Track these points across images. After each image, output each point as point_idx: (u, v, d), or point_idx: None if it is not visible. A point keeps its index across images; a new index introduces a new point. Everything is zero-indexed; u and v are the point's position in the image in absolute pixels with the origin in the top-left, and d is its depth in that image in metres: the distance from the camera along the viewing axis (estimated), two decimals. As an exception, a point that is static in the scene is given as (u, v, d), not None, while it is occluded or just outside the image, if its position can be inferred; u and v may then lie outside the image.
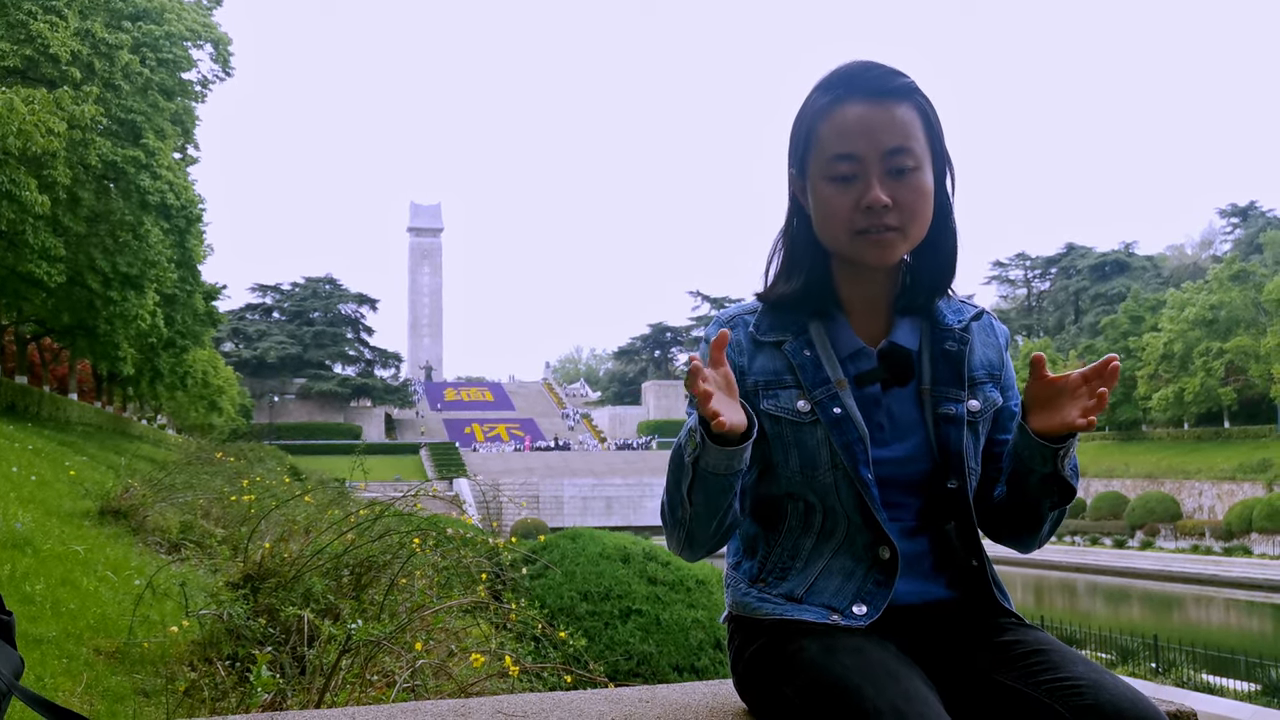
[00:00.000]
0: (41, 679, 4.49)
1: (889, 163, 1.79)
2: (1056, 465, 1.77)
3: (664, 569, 8.00)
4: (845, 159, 1.80)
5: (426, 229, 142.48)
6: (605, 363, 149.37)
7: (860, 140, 1.79)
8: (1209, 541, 45.56)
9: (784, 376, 1.87)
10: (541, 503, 64.24)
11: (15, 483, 11.29)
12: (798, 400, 1.85)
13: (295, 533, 6.15)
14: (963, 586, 1.88)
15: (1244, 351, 57.58)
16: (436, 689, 4.32)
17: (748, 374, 1.88)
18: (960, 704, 1.65)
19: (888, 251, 1.82)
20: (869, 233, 1.80)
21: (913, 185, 1.81)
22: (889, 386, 1.88)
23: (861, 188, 1.79)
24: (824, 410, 1.83)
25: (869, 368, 1.87)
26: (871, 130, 1.79)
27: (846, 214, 1.81)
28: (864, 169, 1.80)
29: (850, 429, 1.81)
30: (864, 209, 1.79)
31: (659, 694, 2.12)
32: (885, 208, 1.78)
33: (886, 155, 1.79)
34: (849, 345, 1.89)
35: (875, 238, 1.80)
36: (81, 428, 33.55)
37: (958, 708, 1.62)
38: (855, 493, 1.81)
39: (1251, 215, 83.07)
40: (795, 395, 1.85)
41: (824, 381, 1.85)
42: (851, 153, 1.80)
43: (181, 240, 30.58)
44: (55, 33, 23.37)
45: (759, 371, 1.88)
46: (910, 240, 1.84)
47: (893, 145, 1.79)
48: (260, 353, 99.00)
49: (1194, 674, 16.48)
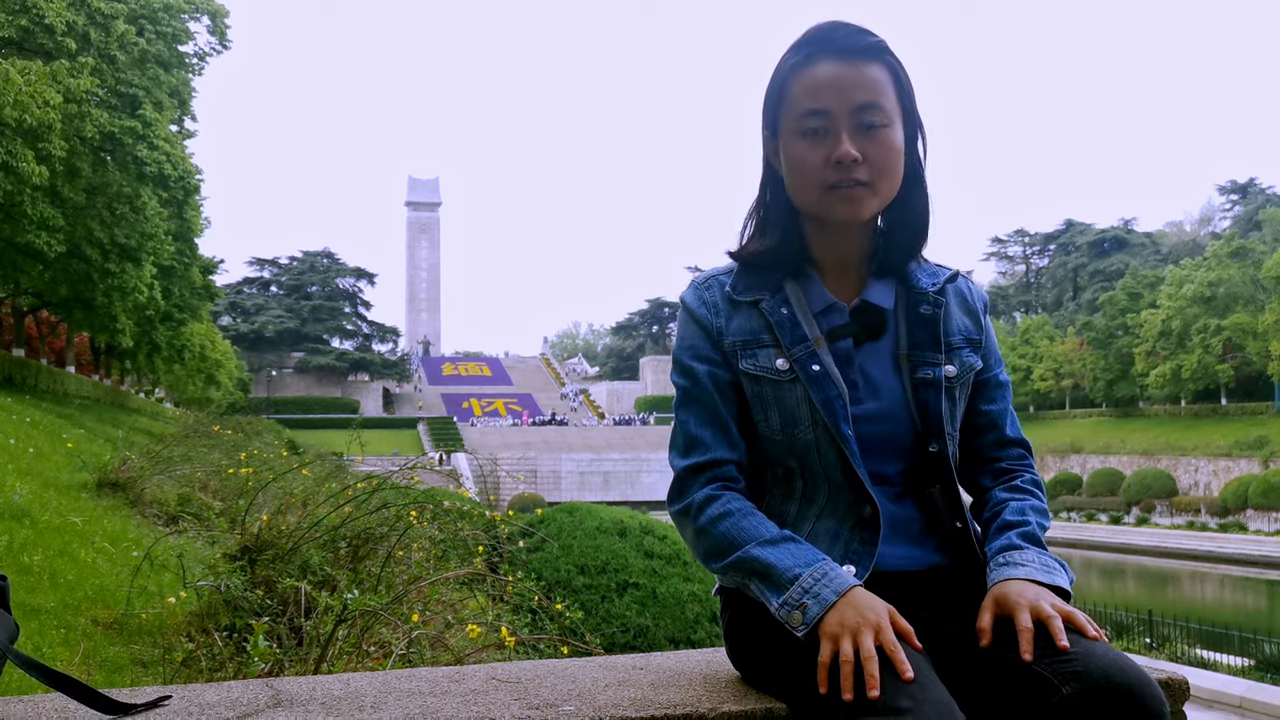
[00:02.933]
0: (39, 649, 4.50)
1: (858, 118, 1.80)
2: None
3: (660, 543, 8.03)
4: (815, 114, 1.81)
5: (424, 203, 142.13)
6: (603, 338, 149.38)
7: (830, 96, 1.80)
8: (1205, 518, 45.76)
9: (762, 335, 1.88)
10: (539, 478, 64.38)
11: (13, 455, 11.29)
12: (776, 359, 1.85)
13: (293, 505, 6.15)
14: (951, 552, 1.89)
15: (1242, 329, 57.63)
16: (433, 659, 4.34)
17: (725, 334, 1.89)
18: (951, 671, 1.65)
19: (858, 207, 1.83)
20: (839, 187, 1.81)
21: (882, 140, 1.82)
22: (861, 342, 1.89)
23: (831, 143, 1.80)
24: (803, 367, 1.83)
25: (840, 323, 1.89)
26: (842, 86, 1.80)
27: (817, 169, 1.82)
28: (834, 124, 1.80)
29: (829, 385, 1.82)
30: (834, 164, 1.80)
31: (653, 661, 2.13)
32: (855, 162, 1.79)
33: (856, 111, 1.80)
34: (821, 301, 1.90)
35: (845, 192, 1.81)
36: (79, 400, 33.55)
37: (949, 674, 1.62)
38: (836, 450, 1.82)
39: (1251, 192, 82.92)
40: (774, 354, 1.86)
41: (801, 339, 1.85)
42: (822, 108, 1.81)
43: (179, 212, 30.53)
44: (50, 3, 23.21)
45: (736, 332, 1.89)
46: (881, 197, 1.85)
47: (863, 101, 1.80)
48: (258, 326, 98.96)
49: (1188, 649, 16.59)
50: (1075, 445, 63.65)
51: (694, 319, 1.93)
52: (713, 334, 1.90)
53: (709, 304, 1.93)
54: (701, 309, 1.93)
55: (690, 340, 1.92)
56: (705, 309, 1.92)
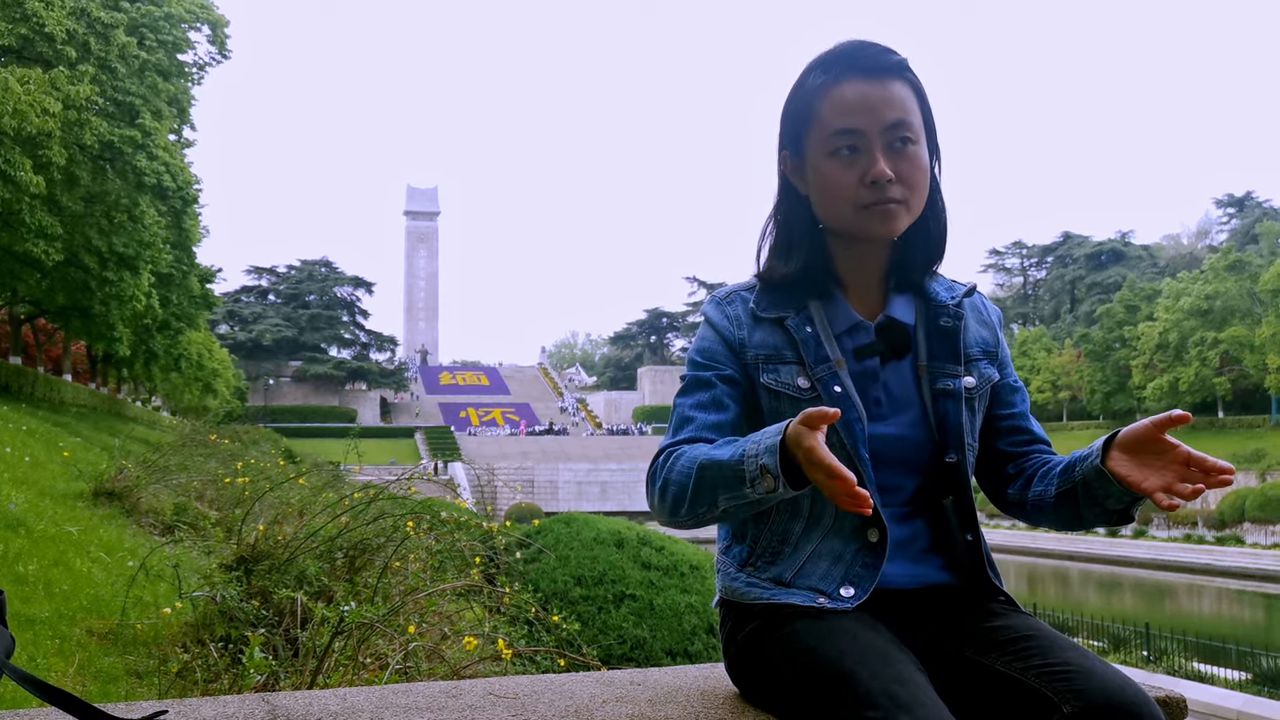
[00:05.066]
0: (34, 659, 4.49)
1: (889, 136, 1.81)
2: (1129, 509, 1.74)
3: (658, 554, 8.01)
4: (847, 134, 1.82)
5: (423, 212, 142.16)
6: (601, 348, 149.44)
7: (861, 116, 1.81)
8: (1202, 531, 45.66)
9: (784, 351, 1.87)
10: (537, 487, 64.26)
11: (9, 463, 11.27)
12: (798, 376, 1.85)
13: (289, 515, 6.15)
14: (955, 569, 1.89)
15: (1239, 341, 57.70)
16: (429, 671, 4.32)
17: (748, 347, 1.89)
18: (950, 688, 1.65)
19: (893, 223, 1.84)
20: (875, 206, 1.82)
21: (912, 158, 1.83)
22: (887, 360, 1.90)
23: (865, 162, 1.81)
24: (825, 387, 1.83)
25: (867, 341, 1.89)
26: (872, 106, 1.81)
27: (851, 189, 1.82)
28: (866, 144, 1.81)
29: (850, 408, 1.82)
30: (869, 183, 1.81)
31: (650, 677, 2.12)
32: (890, 181, 1.80)
33: (887, 129, 1.81)
34: (846, 320, 1.90)
35: (881, 209, 1.82)
36: (76, 409, 33.52)
37: (948, 691, 1.62)
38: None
39: (1248, 205, 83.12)
40: (796, 371, 1.86)
41: (824, 359, 1.85)
42: (853, 127, 1.81)
43: (177, 221, 30.53)
44: (51, 11, 23.22)
45: (759, 345, 1.89)
46: (912, 212, 1.86)
47: (893, 119, 1.81)
48: (255, 335, 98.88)
49: (1185, 663, 16.54)
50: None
51: (716, 330, 1.92)
52: (734, 345, 1.89)
53: (731, 318, 1.92)
54: (724, 321, 1.92)
55: (708, 344, 1.91)
56: (728, 321, 1.92)
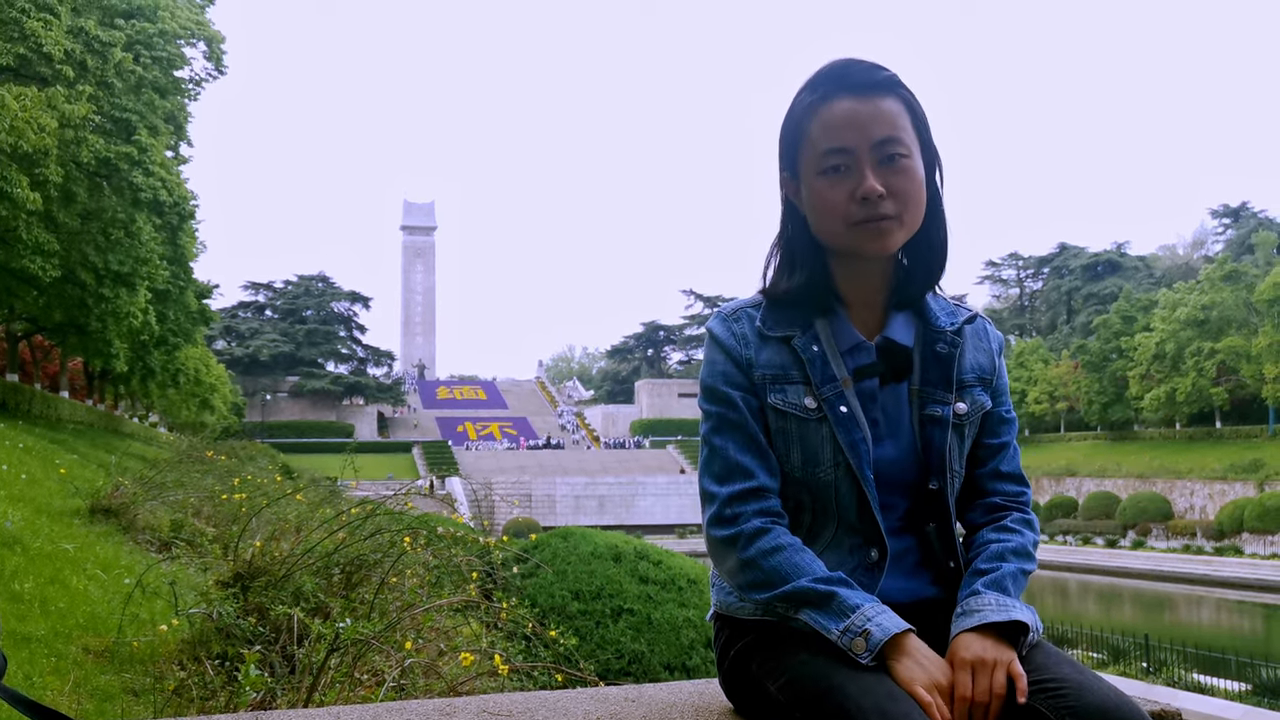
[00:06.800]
0: (30, 678, 4.48)
1: (879, 152, 1.82)
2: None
3: (655, 568, 7.99)
4: (836, 152, 1.82)
5: (420, 227, 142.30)
6: (598, 361, 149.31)
7: (850, 133, 1.81)
8: (1200, 541, 45.67)
9: (791, 371, 1.87)
10: (534, 502, 64.17)
11: (5, 481, 11.24)
12: (805, 397, 1.85)
13: (286, 531, 6.13)
14: (946, 585, 1.90)
15: (1235, 352, 57.71)
16: (426, 688, 4.31)
17: (755, 366, 1.88)
18: (945, 704, 1.65)
19: (886, 240, 1.83)
20: (867, 223, 1.82)
21: (905, 172, 1.83)
22: (886, 382, 1.90)
23: (855, 179, 1.81)
24: (831, 408, 1.83)
25: (867, 362, 1.89)
26: (860, 123, 1.81)
27: (842, 206, 1.82)
28: (856, 161, 1.81)
29: (855, 428, 1.83)
30: (859, 200, 1.81)
31: (645, 693, 2.12)
32: (880, 196, 1.80)
33: (876, 146, 1.81)
34: (849, 339, 1.90)
35: (873, 226, 1.82)
36: (72, 426, 33.45)
37: (943, 708, 1.62)
38: (856, 492, 1.82)
39: (1243, 216, 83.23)
40: (802, 391, 1.86)
41: (831, 379, 1.85)
42: (842, 146, 1.82)
43: (173, 237, 30.50)
44: (49, 31, 23.26)
45: (766, 364, 1.89)
46: (907, 228, 1.86)
47: (882, 135, 1.81)
48: (252, 351, 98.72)
49: (1185, 673, 16.53)
50: (1070, 468, 63.60)
51: (723, 348, 1.92)
52: (742, 365, 1.89)
53: (738, 335, 1.92)
54: (730, 339, 1.91)
55: (722, 367, 1.91)
56: (734, 340, 1.91)
